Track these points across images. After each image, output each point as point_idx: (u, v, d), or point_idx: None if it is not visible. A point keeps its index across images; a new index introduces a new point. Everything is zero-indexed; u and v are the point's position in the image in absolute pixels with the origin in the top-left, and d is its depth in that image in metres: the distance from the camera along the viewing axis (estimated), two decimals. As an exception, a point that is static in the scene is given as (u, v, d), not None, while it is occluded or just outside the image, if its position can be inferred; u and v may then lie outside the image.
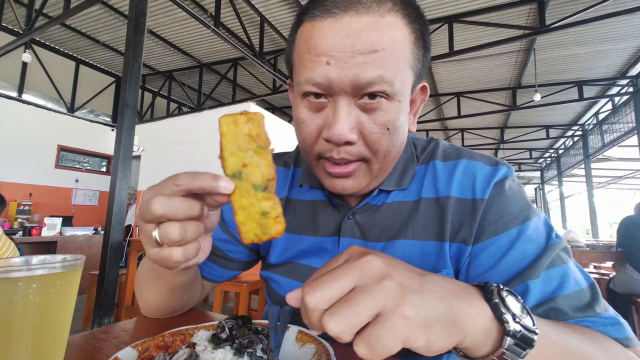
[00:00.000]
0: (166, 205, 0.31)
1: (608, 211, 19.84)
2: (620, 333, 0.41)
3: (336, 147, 0.44)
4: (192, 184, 0.32)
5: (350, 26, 0.40)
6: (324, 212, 0.58)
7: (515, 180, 0.51)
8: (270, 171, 0.34)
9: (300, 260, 0.58)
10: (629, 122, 6.60)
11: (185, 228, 0.32)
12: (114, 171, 2.66)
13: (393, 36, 0.41)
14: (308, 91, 0.43)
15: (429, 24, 2.97)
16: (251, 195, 0.34)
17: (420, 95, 0.52)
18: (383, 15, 0.41)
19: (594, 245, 3.43)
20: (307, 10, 0.44)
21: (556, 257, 0.44)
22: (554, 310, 0.42)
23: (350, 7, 0.41)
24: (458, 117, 7.31)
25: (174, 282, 0.52)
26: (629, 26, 4.81)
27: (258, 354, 0.39)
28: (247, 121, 0.34)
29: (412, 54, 0.44)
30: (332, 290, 0.27)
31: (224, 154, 0.34)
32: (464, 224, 0.49)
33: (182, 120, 6.03)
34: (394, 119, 0.44)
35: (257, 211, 0.34)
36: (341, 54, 0.40)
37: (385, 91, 0.41)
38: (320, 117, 0.45)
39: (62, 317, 0.33)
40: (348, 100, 0.43)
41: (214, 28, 4.11)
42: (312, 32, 0.42)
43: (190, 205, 0.32)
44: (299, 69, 0.45)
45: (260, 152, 0.34)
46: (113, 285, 2.60)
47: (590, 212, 8.51)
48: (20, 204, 5.17)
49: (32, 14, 4.38)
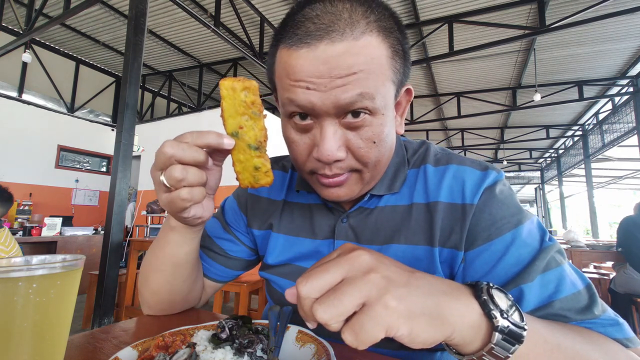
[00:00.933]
0: (176, 146, 0.38)
1: (608, 211, 19.83)
2: (621, 333, 0.41)
3: (327, 165, 0.46)
4: (199, 141, 0.39)
5: (326, 53, 0.40)
6: (320, 215, 0.60)
7: (506, 184, 0.52)
8: (262, 134, 0.41)
9: (297, 262, 0.59)
10: (629, 122, 6.60)
11: (187, 170, 0.38)
12: (114, 171, 2.66)
13: (369, 56, 0.41)
14: (294, 112, 0.44)
15: (429, 24, 2.97)
16: (246, 153, 0.42)
17: (406, 97, 0.53)
18: (357, 38, 0.41)
19: (594, 245, 3.43)
20: (281, 38, 0.44)
21: (551, 260, 0.44)
22: (553, 315, 0.42)
23: (324, 35, 0.40)
24: (458, 117, 7.31)
25: (179, 254, 0.54)
26: (629, 26, 4.81)
27: (258, 354, 0.39)
28: (243, 89, 0.39)
29: (390, 69, 0.44)
30: (322, 280, 0.29)
31: (224, 115, 0.40)
32: (454, 229, 0.49)
33: (182, 120, 6.03)
34: (379, 132, 0.45)
35: (251, 165, 0.42)
36: (320, 79, 0.41)
37: (367, 107, 0.42)
38: (309, 137, 0.46)
39: (62, 317, 0.33)
40: (332, 120, 0.43)
41: (214, 28, 4.11)
42: (289, 60, 0.42)
43: (197, 150, 0.39)
44: (281, 92, 0.45)
45: (255, 117, 0.40)
46: (113, 285, 2.60)
47: (590, 212, 8.51)
48: (20, 204, 5.17)
49: (32, 14, 4.38)
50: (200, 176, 0.39)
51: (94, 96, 6.62)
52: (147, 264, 0.58)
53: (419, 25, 4.83)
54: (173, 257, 0.54)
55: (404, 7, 4.53)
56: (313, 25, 0.41)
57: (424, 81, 6.77)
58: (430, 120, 7.70)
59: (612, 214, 19.46)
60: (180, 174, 0.37)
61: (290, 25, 0.43)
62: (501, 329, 0.30)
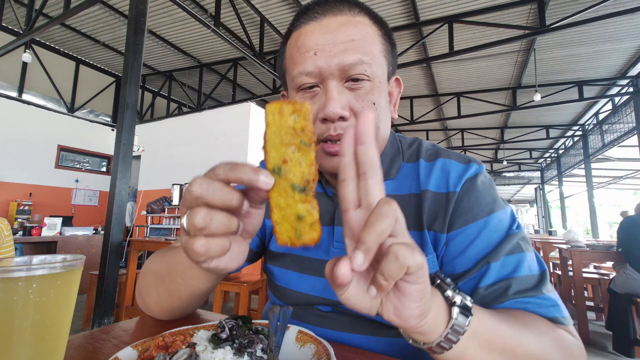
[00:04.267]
0: (205, 186, 0.30)
1: (608, 211, 19.83)
2: (558, 313, 0.47)
3: (332, 125, 0.50)
4: (232, 175, 0.31)
5: (330, 25, 0.50)
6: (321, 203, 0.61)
7: (486, 176, 0.57)
8: (311, 171, 0.32)
9: (299, 252, 0.61)
10: (629, 122, 6.60)
11: (212, 216, 0.30)
12: (114, 171, 2.66)
13: (364, 30, 0.51)
14: (302, 83, 0.51)
15: (429, 24, 3.01)
16: (288, 195, 0.32)
17: (396, 87, 0.61)
18: (354, 15, 0.52)
19: (594, 245, 3.42)
20: (294, 23, 0.55)
21: (516, 246, 0.50)
22: (506, 288, 0.48)
23: (327, 11, 0.52)
24: (458, 117, 7.32)
25: (200, 287, 0.49)
26: (629, 26, 4.81)
27: (258, 354, 0.39)
28: (293, 112, 0.32)
29: (382, 45, 0.54)
30: None
31: (267, 147, 0.32)
32: (439, 214, 0.54)
33: (182, 120, 6.03)
34: (377, 97, 0.52)
35: (293, 213, 0.32)
36: (325, 45, 0.49)
37: (365, 72, 0.49)
38: (315, 103, 0.51)
39: (62, 317, 0.33)
40: (337, 83, 0.50)
41: (214, 28, 4.11)
42: (299, 36, 0.52)
43: (230, 192, 0.31)
44: (291, 68, 0.53)
45: (304, 148, 0.32)
46: (113, 285, 2.60)
47: (590, 212, 8.51)
48: (20, 204, 5.17)
49: (32, 14, 4.38)
50: (228, 224, 0.31)
51: (94, 96, 6.62)
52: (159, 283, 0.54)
53: (419, 25, 4.83)
54: (192, 288, 0.50)
55: (404, 7, 4.53)
56: (319, 8, 0.52)
57: (424, 81, 6.77)
58: (430, 120, 7.70)
59: (612, 214, 19.45)
60: (202, 222, 0.30)
61: (299, 16, 0.54)
62: (458, 304, 0.35)
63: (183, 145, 5.80)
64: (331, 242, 0.58)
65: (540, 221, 14.81)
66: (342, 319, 0.56)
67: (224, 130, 5.36)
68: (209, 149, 5.46)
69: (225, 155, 5.15)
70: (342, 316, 0.56)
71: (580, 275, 3.13)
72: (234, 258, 0.36)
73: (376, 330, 0.54)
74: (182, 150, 5.79)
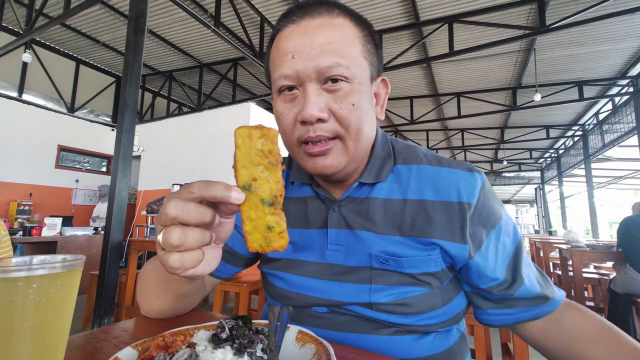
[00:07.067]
0: (180, 207, 0.33)
1: (608, 211, 19.82)
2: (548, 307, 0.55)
3: (312, 127, 0.49)
4: (205, 192, 0.34)
5: (308, 27, 0.50)
6: (313, 206, 0.62)
7: (488, 182, 0.59)
8: (278, 187, 0.36)
9: (294, 255, 0.61)
10: (629, 122, 6.60)
11: (186, 234, 0.33)
12: (114, 171, 2.66)
13: (343, 32, 0.50)
14: (282, 85, 0.51)
15: (429, 24, 3.03)
16: (259, 209, 0.36)
17: (383, 88, 0.59)
18: (333, 17, 0.51)
19: (594, 245, 3.42)
20: (276, 26, 0.55)
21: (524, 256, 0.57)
22: None
23: (305, 14, 0.51)
24: (458, 117, 7.31)
25: (180, 290, 0.55)
26: (629, 26, 4.81)
27: (258, 354, 0.39)
28: (261, 137, 0.35)
29: (363, 47, 0.52)
30: None
31: (237, 166, 0.36)
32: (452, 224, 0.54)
33: (182, 120, 6.02)
34: (357, 98, 0.50)
35: (263, 224, 0.36)
36: (303, 48, 0.49)
37: (343, 74, 0.49)
38: (295, 106, 0.51)
39: (62, 317, 0.33)
40: (315, 86, 0.49)
41: (214, 28, 4.11)
42: (279, 39, 0.52)
43: (203, 211, 0.34)
44: (273, 71, 0.53)
45: (271, 168, 0.36)
46: (113, 285, 2.60)
47: (590, 212, 8.51)
48: (20, 204, 5.17)
49: (32, 14, 4.38)
50: (201, 239, 0.34)
51: (94, 96, 6.61)
52: (148, 287, 0.59)
53: (419, 25, 4.83)
54: (175, 291, 0.56)
55: (404, 7, 4.53)
56: (299, 11, 0.52)
57: (424, 81, 6.77)
58: (430, 120, 7.70)
59: (612, 214, 19.45)
60: (178, 240, 0.33)
61: (280, 20, 0.54)
62: None
63: (183, 145, 5.80)
64: (325, 244, 0.58)
65: (540, 221, 14.81)
66: (338, 319, 0.56)
67: (224, 130, 5.36)
68: (209, 149, 5.45)
69: (225, 155, 5.15)
70: (338, 316, 0.56)
71: (580, 275, 3.13)
72: (209, 264, 0.39)
73: (372, 329, 0.54)
74: (182, 150, 5.78)
